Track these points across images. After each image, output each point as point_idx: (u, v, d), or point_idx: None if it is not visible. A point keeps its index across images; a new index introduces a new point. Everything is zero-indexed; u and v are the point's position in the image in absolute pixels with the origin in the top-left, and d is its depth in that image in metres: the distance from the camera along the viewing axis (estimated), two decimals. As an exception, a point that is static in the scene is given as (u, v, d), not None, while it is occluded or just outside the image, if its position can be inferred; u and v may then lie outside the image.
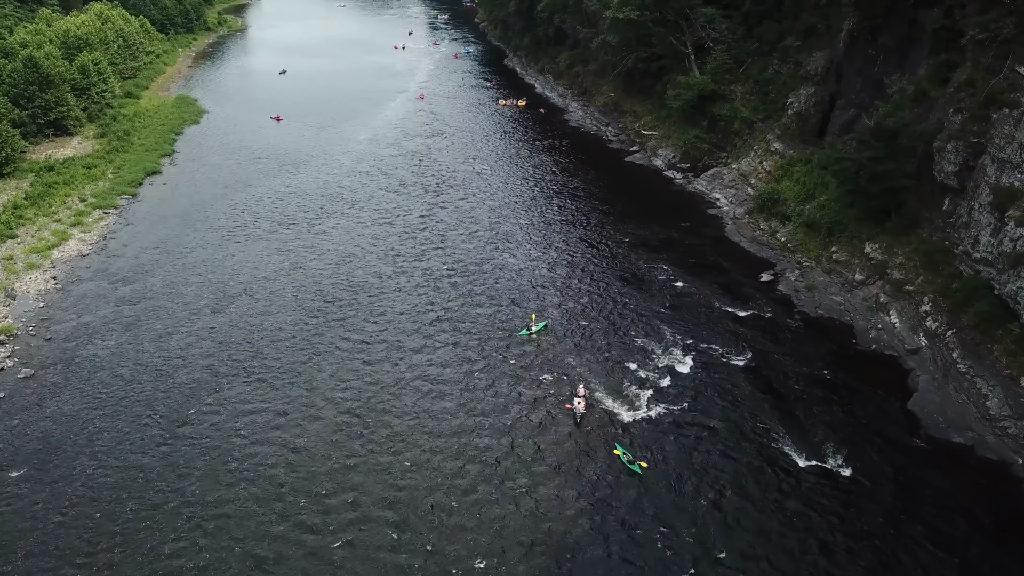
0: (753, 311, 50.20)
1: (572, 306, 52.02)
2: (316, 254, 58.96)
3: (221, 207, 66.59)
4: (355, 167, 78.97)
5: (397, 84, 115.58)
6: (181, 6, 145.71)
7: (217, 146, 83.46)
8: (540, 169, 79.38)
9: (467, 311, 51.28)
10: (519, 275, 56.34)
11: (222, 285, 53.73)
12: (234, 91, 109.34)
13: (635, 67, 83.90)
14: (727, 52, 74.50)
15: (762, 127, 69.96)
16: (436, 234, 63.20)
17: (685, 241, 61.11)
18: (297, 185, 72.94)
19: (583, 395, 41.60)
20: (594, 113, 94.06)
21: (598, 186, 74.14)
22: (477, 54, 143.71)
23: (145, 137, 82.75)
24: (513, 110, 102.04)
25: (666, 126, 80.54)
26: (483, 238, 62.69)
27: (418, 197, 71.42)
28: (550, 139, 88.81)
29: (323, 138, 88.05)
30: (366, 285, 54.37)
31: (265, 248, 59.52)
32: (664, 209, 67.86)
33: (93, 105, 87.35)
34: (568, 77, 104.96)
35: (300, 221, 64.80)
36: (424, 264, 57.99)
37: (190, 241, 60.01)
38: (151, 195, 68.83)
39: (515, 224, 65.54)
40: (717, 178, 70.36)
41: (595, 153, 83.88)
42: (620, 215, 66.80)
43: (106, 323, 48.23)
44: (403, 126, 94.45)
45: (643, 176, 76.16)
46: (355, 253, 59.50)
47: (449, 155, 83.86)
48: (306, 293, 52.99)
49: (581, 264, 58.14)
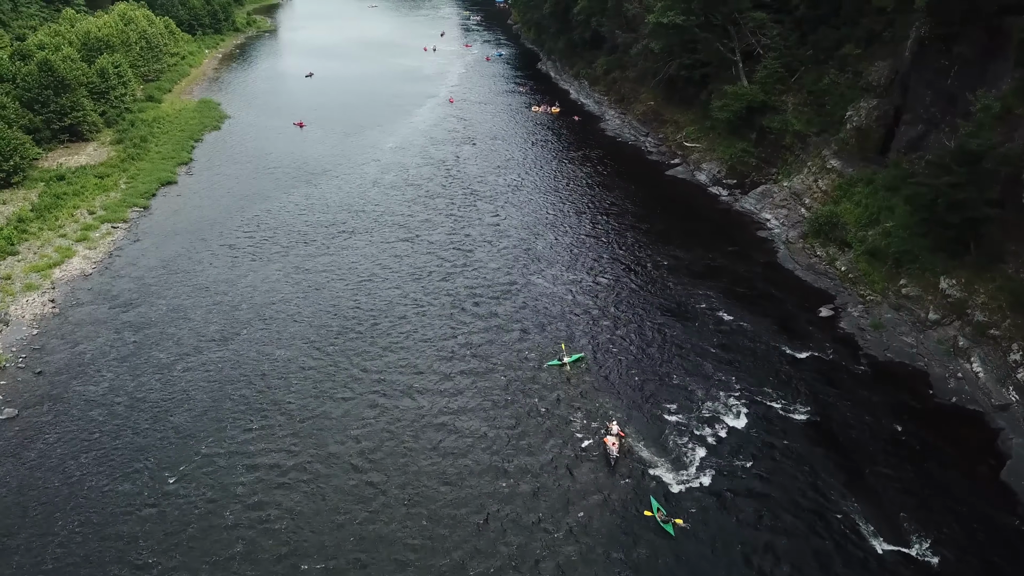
0: (813, 352, 45.06)
1: (607, 337, 47.42)
2: (335, 275, 54.93)
3: (236, 221, 62.83)
4: (379, 178, 74.95)
5: (426, 88, 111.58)
6: (209, 6, 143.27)
7: (236, 154, 79.92)
8: (574, 181, 74.73)
9: (493, 339, 47.09)
10: (550, 300, 51.87)
11: (232, 310, 49.84)
12: (258, 95, 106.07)
13: (677, 74, 78.88)
14: (778, 60, 69.20)
15: (817, 142, 64.60)
16: (463, 252, 58.94)
17: (733, 267, 56.06)
18: (317, 197, 69.04)
19: (616, 433, 37.61)
20: (632, 122, 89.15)
21: (636, 202, 69.30)
22: (509, 57, 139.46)
23: (163, 144, 79.43)
24: (546, 117, 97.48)
25: (710, 138, 75.45)
26: (512, 257, 58.32)
27: (445, 210, 67.22)
28: (585, 149, 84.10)
29: (347, 146, 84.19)
30: (387, 310, 50.23)
31: (281, 268, 55.59)
32: (709, 229, 62.83)
33: (111, 109, 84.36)
34: (605, 83, 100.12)
35: (319, 238, 60.82)
36: (449, 285, 53.77)
37: (201, 259, 56.26)
38: (164, 207, 65.27)
39: (546, 242, 61.06)
40: (767, 196, 65.13)
41: (633, 165, 79.00)
42: (660, 235, 61.94)
43: (104, 353, 44.48)
44: (431, 133, 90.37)
45: (685, 192, 71.14)
46: (376, 273, 55.39)
47: (478, 164, 79.58)
48: (323, 319, 48.93)
49: (617, 289, 53.45)
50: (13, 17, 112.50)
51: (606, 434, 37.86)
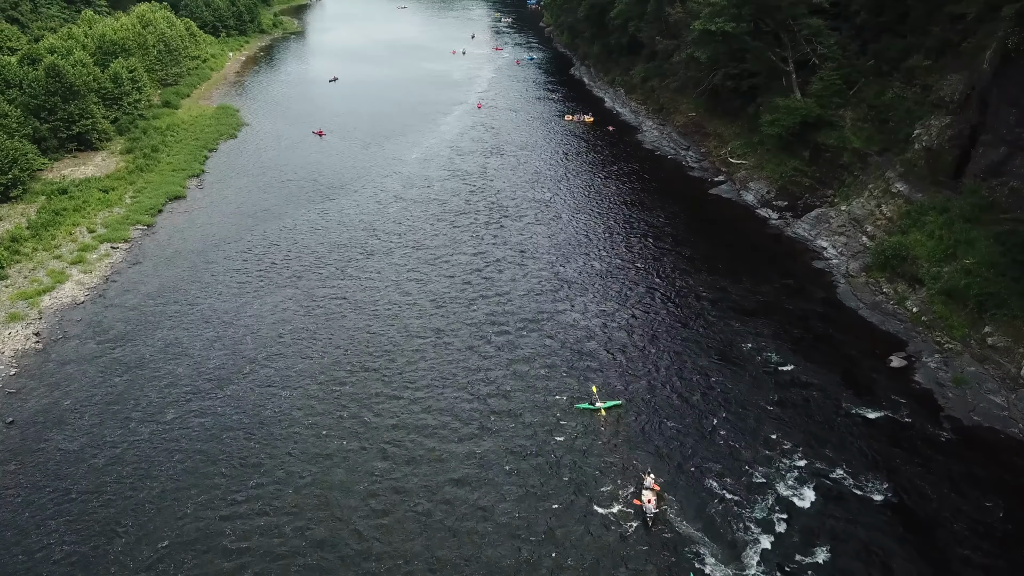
0: (886, 412, 39.30)
1: (643, 382, 42.42)
2: (350, 303, 50.29)
3: (245, 242, 58.37)
4: (402, 193, 70.23)
5: (454, 95, 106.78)
6: (234, 8, 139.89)
7: (251, 166, 75.63)
8: (609, 199, 69.41)
9: (518, 377, 42.71)
10: (580, 334, 47.00)
11: (235, 344, 45.32)
12: (279, 100, 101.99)
13: (722, 84, 73.18)
14: (836, 71, 63.24)
15: (879, 162, 58.62)
16: (488, 278, 54.12)
17: (787, 303, 50.40)
18: (334, 214, 64.44)
19: (652, 487, 33.62)
20: (672, 134, 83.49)
21: (676, 223, 63.79)
22: (541, 61, 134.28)
23: (175, 154, 75.42)
24: (579, 127, 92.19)
25: (758, 154, 69.66)
26: (540, 283, 53.47)
27: (469, 229, 62.39)
28: (621, 163, 78.68)
29: (368, 157, 79.60)
30: (404, 343, 45.63)
31: (291, 295, 51.01)
32: (758, 258, 57.17)
33: (124, 117, 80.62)
34: (642, 92, 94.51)
35: (334, 260, 56.18)
36: (472, 314, 49.16)
37: (204, 285, 51.86)
38: (169, 225, 61.02)
39: (578, 267, 55.99)
40: (823, 221, 59.26)
41: (673, 182, 73.42)
42: (704, 263, 56.44)
43: (87, 398, 40.07)
44: (458, 143, 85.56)
45: (731, 214, 65.44)
46: (395, 301, 50.77)
47: (506, 178, 74.65)
48: (334, 355, 44.32)
49: (655, 324, 48.21)
50: (32, 18, 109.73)
51: (641, 488, 33.98)
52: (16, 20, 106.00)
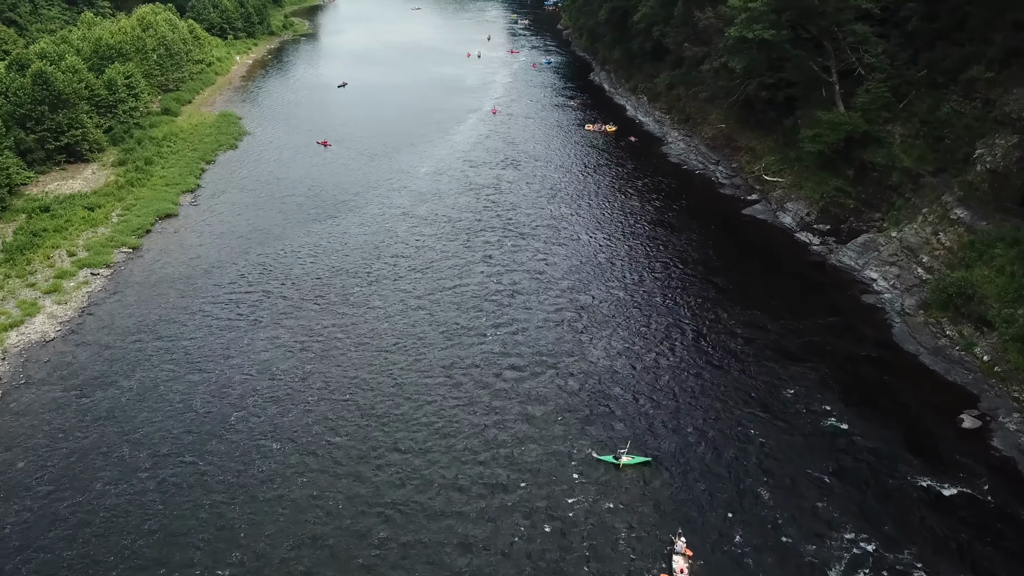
0: (961, 487, 33.93)
1: (673, 436, 37.92)
2: (350, 340, 45.53)
3: (238, 268, 53.60)
4: (411, 210, 65.33)
5: (467, 101, 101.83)
6: (243, 9, 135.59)
7: (250, 180, 70.91)
8: (632, 218, 64.28)
9: (534, 424, 38.60)
10: (601, 375, 42.55)
11: (220, 390, 40.58)
12: (284, 107, 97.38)
13: (756, 95, 67.76)
14: (884, 82, 57.73)
15: (933, 184, 53.16)
16: (501, 306, 49.65)
17: (834, 344, 45.05)
18: (337, 235, 59.60)
19: (684, 552, 30.09)
20: (700, 147, 78.11)
21: (707, 247, 58.55)
22: (558, 65, 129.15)
23: (169, 166, 70.89)
24: (600, 137, 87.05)
25: (796, 171, 64.23)
26: (559, 314, 48.89)
27: (482, 250, 57.73)
28: (645, 177, 73.46)
29: (376, 170, 74.74)
30: (409, 386, 41.30)
31: (286, 331, 46.20)
32: (798, 289, 51.87)
33: (118, 126, 76.27)
34: (667, 100, 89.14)
35: (334, 289, 51.37)
36: (484, 350, 44.86)
37: (190, 318, 47.14)
38: (156, 248, 56.31)
39: (599, 295, 51.32)
40: (871, 249, 53.82)
41: (702, 200, 68.11)
42: (739, 294, 51.27)
43: (46, 457, 35.34)
44: (471, 154, 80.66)
45: (767, 237, 60.07)
46: (401, 335, 46.24)
47: (522, 193, 69.81)
48: (330, 402, 39.75)
49: (685, 367, 43.24)
50: (31, 20, 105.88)
51: (672, 554, 30.24)
52: (14, 22, 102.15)
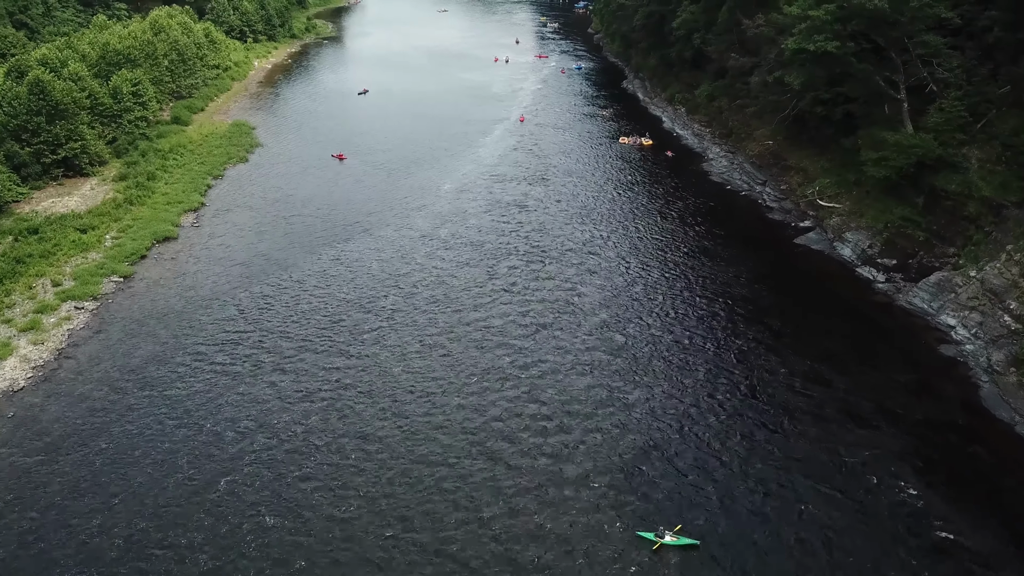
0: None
1: (726, 518, 32.48)
2: (360, 388, 40.58)
3: (237, 302, 48.59)
4: (432, 232, 60.10)
5: (495, 111, 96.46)
6: (263, 11, 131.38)
7: (258, 197, 65.98)
8: (671, 244, 58.61)
9: (563, 488, 33.52)
10: (639, 433, 37.49)
11: (205, 453, 35.58)
12: (301, 116, 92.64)
13: (810, 110, 61.66)
14: (960, 100, 51.45)
15: (1019, 217, 46.85)
16: (527, 345, 44.71)
17: (910, 406, 39.00)
18: (348, 263, 54.50)
19: None
20: (744, 165, 72.01)
21: (756, 281, 52.65)
22: (589, 71, 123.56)
23: (174, 182, 66.31)
24: (635, 151, 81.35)
25: (855, 197, 58.06)
26: (591, 356, 43.75)
27: (505, 278, 52.85)
28: (685, 198, 67.62)
29: (394, 187, 69.58)
30: (422, 448, 35.97)
31: (287, 378, 41.09)
32: (864, 336, 45.79)
33: (123, 136, 71.85)
34: (707, 112, 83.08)
35: (342, 327, 46.23)
36: (508, 396, 40.08)
37: (181, 363, 42.18)
38: (149, 277, 51.44)
39: (634, 334, 46.20)
40: (946, 290, 47.58)
41: (749, 226, 62.14)
42: (794, 339, 45.50)
43: (-5, 540, 30.53)
44: (498, 168, 75.40)
45: (824, 271, 53.99)
46: (416, 379, 41.62)
47: (552, 212, 64.61)
48: (331, 469, 34.73)
49: (736, 428, 37.75)
50: (44, 23, 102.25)
51: None
52: (25, 25, 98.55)
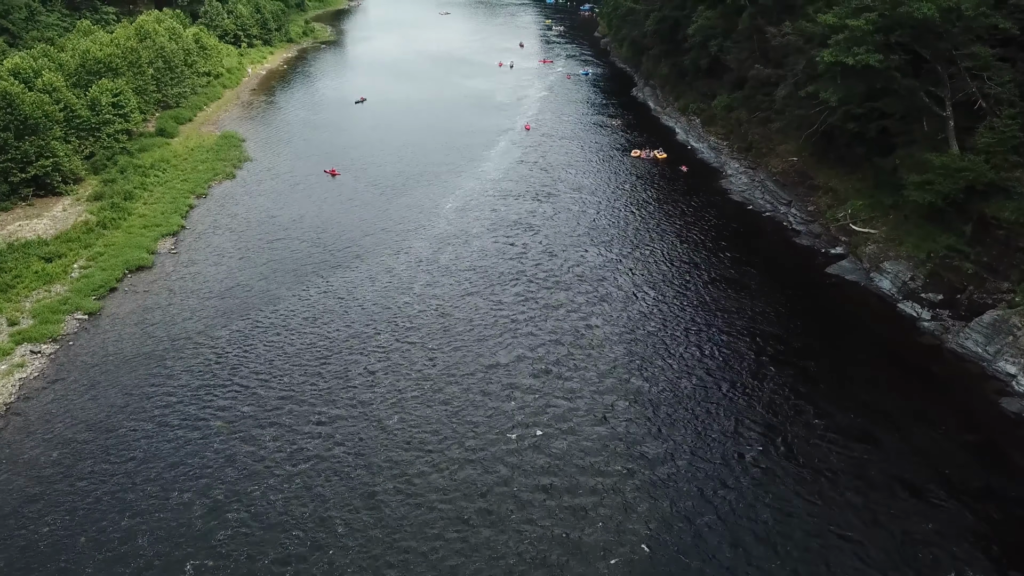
0: None
1: None
2: (348, 446, 35.91)
3: (214, 344, 43.66)
4: (431, 257, 55.38)
5: (499, 121, 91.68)
6: (259, 15, 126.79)
7: (243, 219, 61.06)
8: (689, 270, 53.91)
9: None
10: (666, 502, 32.39)
11: (167, 533, 30.78)
12: (293, 127, 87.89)
13: (842, 126, 56.82)
14: (1014, 119, 46.58)
15: (1083, 250, 42.07)
16: (535, 389, 40.16)
17: (972, 474, 34.05)
18: (338, 296, 49.71)
19: None
20: (766, 183, 67.08)
21: (784, 315, 47.84)
22: (596, 78, 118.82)
23: (153, 202, 61.56)
24: (648, 165, 76.60)
25: (892, 222, 53.19)
26: (604, 402, 39.23)
27: (514, 310, 48.22)
28: (703, 219, 62.78)
29: (391, 206, 64.76)
30: (416, 526, 30.95)
31: (266, 435, 36.27)
32: (912, 385, 40.89)
33: (102, 151, 67.15)
34: (724, 124, 78.16)
35: (330, 372, 41.41)
36: (513, 451, 35.36)
37: (144, 421, 37.30)
38: (118, 313, 46.58)
39: (652, 377, 41.54)
40: (1002, 331, 42.59)
41: (774, 251, 57.31)
42: (831, 387, 40.69)
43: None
44: (503, 184, 70.74)
45: (860, 305, 49.11)
46: (412, 431, 37.06)
47: (560, 232, 60.18)
48: (309, 550, 29.60)
49: (773, 495, 33.13)
50: (26, 28, 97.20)
51: None
52: (6, 30, 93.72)
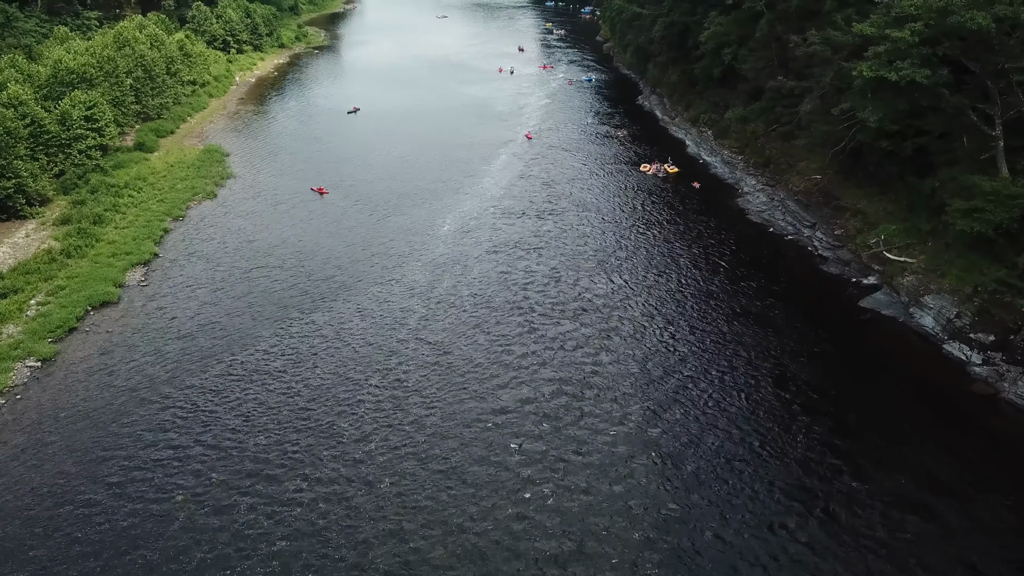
0: None
1: None
2: (334, 519, 31.33)
3: (179, 399, 38.57)
4: (427, 289, 50.67)
5: (499, 132, 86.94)
6: (249, 20, 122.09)
7: (221, 246, 56.07)
8: (708, 302, 49.40)
9: None
10: None
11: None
12: (282, 139, 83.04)
13: (874, 143, 52.18)
14: (1072, 139, 42.08)
15: None
16: (543, 446, 35.41)
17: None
18: (323, 334, 44.89)
19: None
20: (788, 203, 62.28)
21: (816, 357, 43.22)
22: (600, 84, 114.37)
23: (125, 226, 56.71)
24: (658, 180, 71.99)
25: (932, 249, 48.48)
26: (620, 453, 35.04)
27: (518, 347, 43.77)
28: (720, 242, 58.12)
29: (383, 229, 59.93)
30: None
31: (237, 523, 31.32)
32: (970, 445, 36.14)
33: (73, 169, 62.42)
34: (738, 137, 73.37)
35: (314, 434, 36.50)
36: (519, 515, 30.85)
37: (95, 493, 32.47)
38: (75, 360, 41.55)
39: (673, 428, 37.01)
40: (1066, 381, 38.08)
41: (799, 281, 52.61)
42: (878, 447, 36.15)
43: None
44: (504, 201, 66.21)
45: (900, 345, 44.41)
46: (406, 498, 32.33)
47: (566, 256, 55.94)
48: None
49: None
50: (1, 35, 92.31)
51: None
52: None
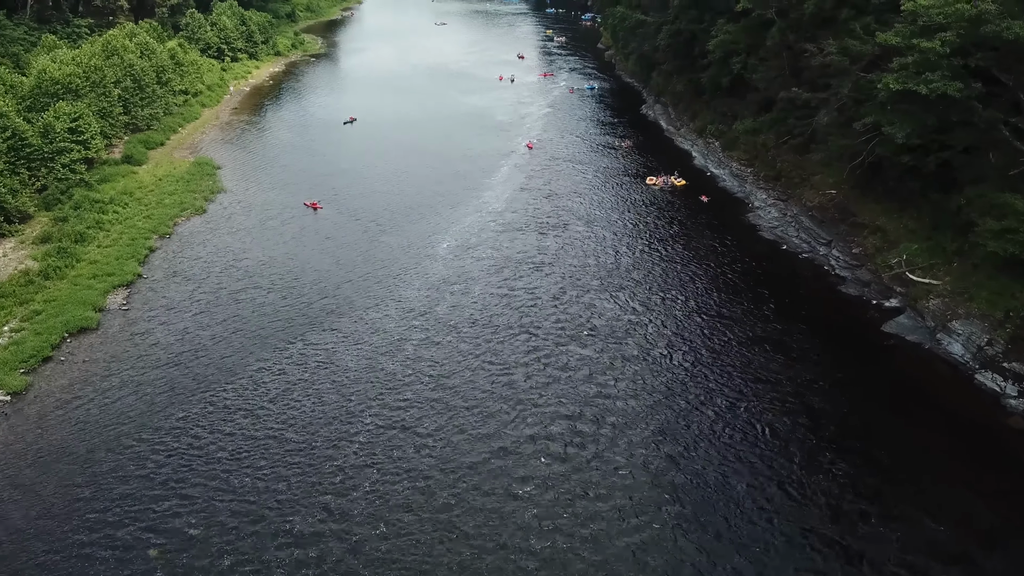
0: None
1: None
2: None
3: (154, 435, 35.77)
4: (425, 311, 48.09)
5: (500, 143, 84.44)
6: (244, 28, 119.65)
7: (207, 266, 53.19)
8: (721, 326, 46.82)
9: None
10: None
11: None
12: (276, 151, 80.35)
13: (894, 158, 49.63)
14: (1110, 156, 39.52)
15: None
16: (553, 486, 32.81)
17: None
18: (312, 365, 42.17)
19: None
20: (801, 219, 59.67)
21: (838, 387, 40.75)
22: (602, 92, 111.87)
23: (108, 244, 54.05)
24: (664, 193, 69.51)
25: (958, 271, 45.93)
26: (635, 498, 32.39)
27: (521, 376, 41.26)
28: (732, 260, 55.58)
29: (379, 247, 57.28)
30: None
31: (223, 571, 28.81)
32: (1006, 484, 33.73)
33: (56, 184, 59.80)
34: (748, 149, 70.74)
35: (300, 475, 33.92)
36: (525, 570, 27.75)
37: (62, 548, 29.79)
38: (47, 394, 38.77)
39: (691, 471, 34.45)
40: (1112, 417, 35.43)
41: (817, 302, 50.04)
42: (906, 485, 33.73)
43: None
44: (505, 215, 63.74)
45: (928, 374, 41.80)
46: (399, 556, 29.49)
47: (570, 274, 53.46)
48: None
49: None
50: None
51: None
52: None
